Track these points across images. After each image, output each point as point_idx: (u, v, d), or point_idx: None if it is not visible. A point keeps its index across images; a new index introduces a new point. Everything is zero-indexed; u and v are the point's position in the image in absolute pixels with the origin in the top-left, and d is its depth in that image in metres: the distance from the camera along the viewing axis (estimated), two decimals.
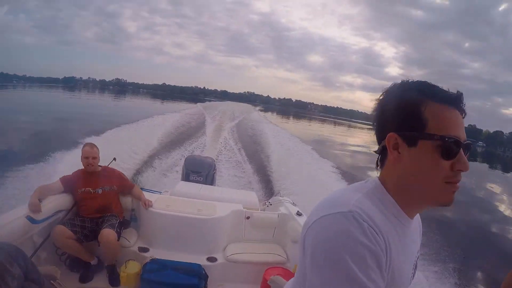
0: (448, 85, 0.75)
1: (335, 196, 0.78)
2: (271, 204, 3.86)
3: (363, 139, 41.74)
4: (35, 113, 22.98)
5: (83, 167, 3.17)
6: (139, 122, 15.54)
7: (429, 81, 0.77)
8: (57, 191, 3.02)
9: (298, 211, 3.41)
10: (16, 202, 4.30)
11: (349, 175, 10.24)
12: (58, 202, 2.97)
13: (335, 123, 78.28)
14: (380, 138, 0.79)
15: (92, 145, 3.18)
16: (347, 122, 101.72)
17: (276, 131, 18.73)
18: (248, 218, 3.38)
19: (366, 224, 0.65)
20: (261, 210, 3.71)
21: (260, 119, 27.49)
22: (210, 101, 70.28)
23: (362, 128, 78.99)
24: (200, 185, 4.28)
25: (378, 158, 0.81)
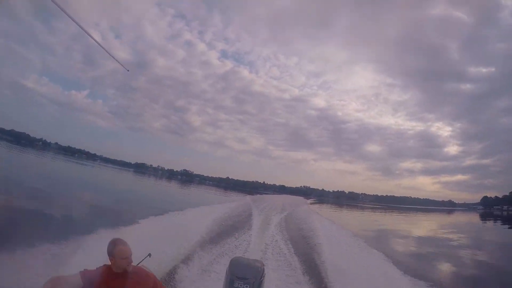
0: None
1: None
2: None
3: (410, 223, 40.37)
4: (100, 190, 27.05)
5: (107, 264, 2.73)
6: (188, 210, 15.56)
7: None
8: (73, 286, 2.53)
9: None
10: None
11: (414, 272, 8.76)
12: None
13: (385, 210, 79.17)
14: None
15: (125, 242, 2.76)
16: (397, 208, 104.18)
17: (327, 226, 17.44)
18: None
19: None
20: None
21: (310, 212, 26.26)
22: (266, 194, 74.53)
23: (415, 212, 76.45)
24: None
25: None
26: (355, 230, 18.34)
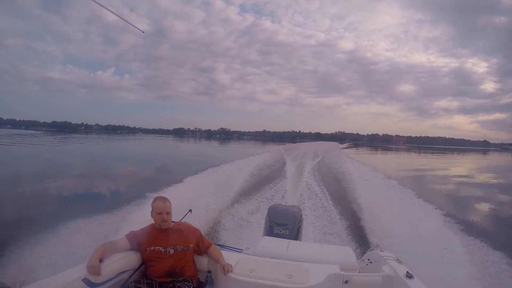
0: None
1: None
2: (371, 262, 3.23)
3: (445, 164, 38.64)
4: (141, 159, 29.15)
5: (153, 223, 2.89)
6: (226, 164, 16.09)
7: None
8: (122, 249, 2.73)
9: (407, 272, 2.68)
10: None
11: (455, 217, 8.49)
12: (122, 261, 2.67)
13: (419, 151, 76.89)
14: None
15: (165, 199, 2.88)
16: (431, 149, 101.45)
17: (360, 169, 17.37)
18: (346, 282, 2.75)
19: None
20: (359, 271, 3.11)
21: (342, 157, 26.17)
22: (300, 142, 77.12)
23: (449, 153, 75.77)
24: (287, 241, 3.74)
25: None
26: (387, 172, 18.04)
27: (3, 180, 13.84)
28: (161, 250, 2.76)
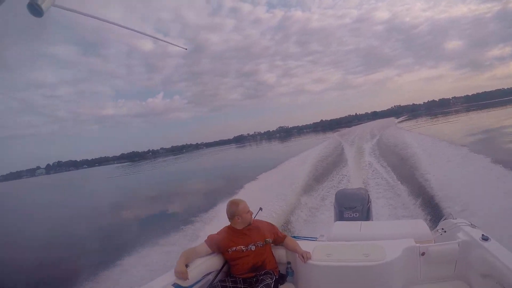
0: None
1: None
2: (445, 232, 3.16)
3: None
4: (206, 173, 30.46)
5: (228, 225, 3.05)
6: (282, 164, 16.38)
7: None
8: (203, 253, 2.91)
9: (483, 234, 2.61)
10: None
11: None
12: (206, 264, 2.85)
13: (478, 110, 68.27)
14: None
15: (241, 199, 3.06)
16: (492, 104, 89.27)
17: (420, 140, 16.40)
18: (423, 254, 2.76)
19: None
20: (435, 241, 3.07)
21: (399, 131, 25.01)
22: (355, 125, 75.58)
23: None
24: (359, 222, 3.74)
25: None
26: (452, 139, 16.54)
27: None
28: (243, 248, 2.90)
